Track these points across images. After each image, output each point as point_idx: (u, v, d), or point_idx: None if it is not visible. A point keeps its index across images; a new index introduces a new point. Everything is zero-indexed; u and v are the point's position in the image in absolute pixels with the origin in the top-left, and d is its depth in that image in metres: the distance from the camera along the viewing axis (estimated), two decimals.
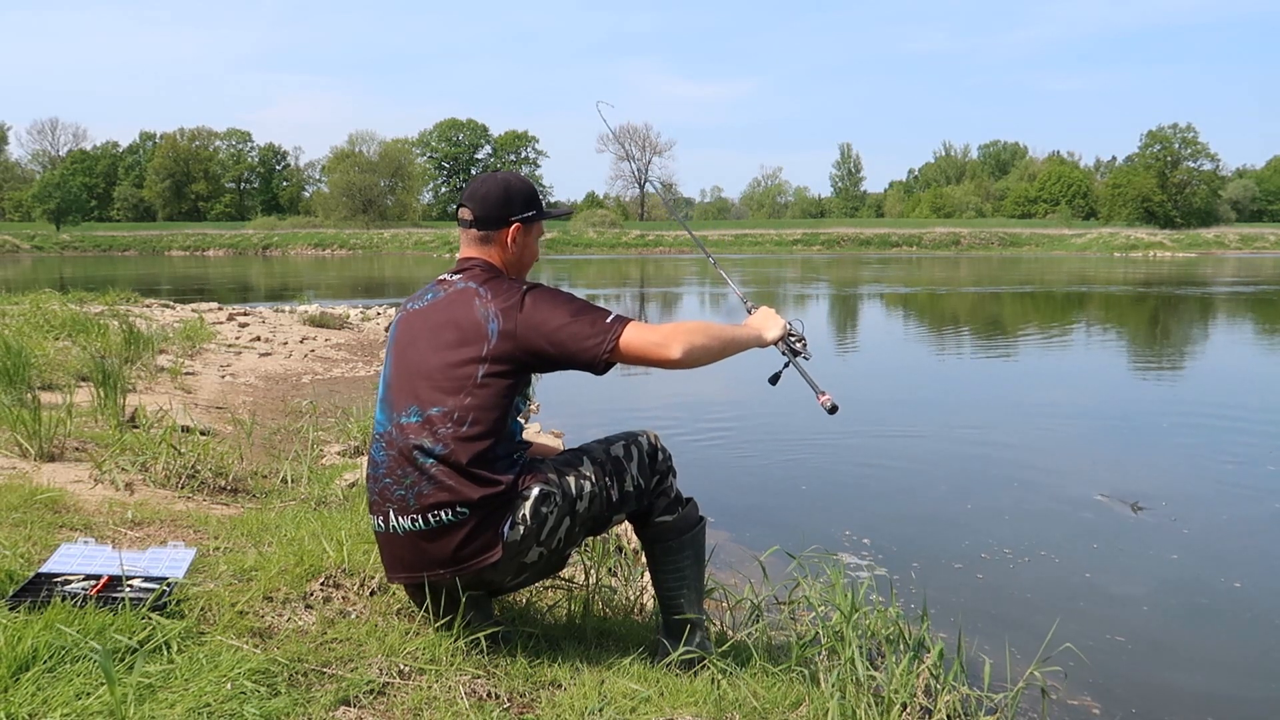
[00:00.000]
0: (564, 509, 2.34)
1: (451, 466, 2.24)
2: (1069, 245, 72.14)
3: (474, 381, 2.27)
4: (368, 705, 2.09)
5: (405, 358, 2.38)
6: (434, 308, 2.42)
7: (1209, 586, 4.23)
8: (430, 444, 2.25)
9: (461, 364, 2.29)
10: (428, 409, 2.28)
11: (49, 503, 3.27)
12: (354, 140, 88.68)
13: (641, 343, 2.25)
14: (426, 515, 2.26)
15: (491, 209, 2.48)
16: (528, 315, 2.28)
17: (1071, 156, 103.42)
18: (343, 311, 14.78)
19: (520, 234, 2.51)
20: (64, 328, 8.17)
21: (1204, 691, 3.35)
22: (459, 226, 2.55)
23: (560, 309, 2.29)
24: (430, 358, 2.32)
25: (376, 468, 2.37)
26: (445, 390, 2.28)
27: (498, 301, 2.32)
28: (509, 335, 2.28)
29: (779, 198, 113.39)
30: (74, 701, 1.83)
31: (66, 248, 71.29)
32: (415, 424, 2.29)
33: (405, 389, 2.34)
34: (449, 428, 2.25)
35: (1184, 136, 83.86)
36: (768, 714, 2.35)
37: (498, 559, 2.28)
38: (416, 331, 2.40)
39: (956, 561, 4.50)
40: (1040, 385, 10.43)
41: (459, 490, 2.24)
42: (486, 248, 2.51)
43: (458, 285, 2.43)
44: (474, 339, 2.29)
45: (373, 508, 2.39)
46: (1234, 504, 5.45)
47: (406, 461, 2.28)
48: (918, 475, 6.01)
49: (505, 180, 2.53)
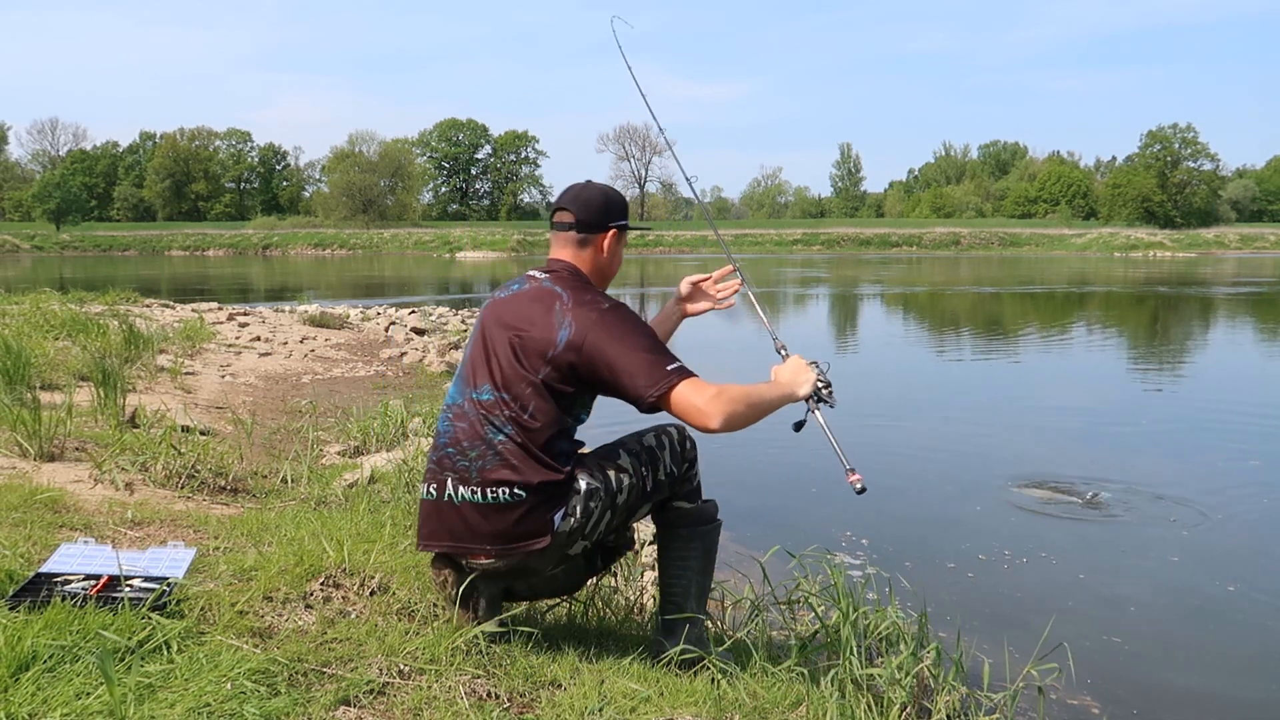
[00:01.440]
0: (606, 503, 2.43)
1: (519, 447, 2.34)
2: (1069, 245, 72.14)
3: (539, 378, 2.37)
4: (368, 705, 2.10)
5: (485, 341, 2.48)
6: (517, 299, 2.51)
7: (1207, 587, 4.23)
8: (501, 423, 2.36)
9: (529, 359, 2.39)
10: (500, 391, 2.39)
11: (49, 503, 3.28)
12: (354, 140, 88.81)
13: (686, 404, 2.29)
14: (486, 490, 2.35)
15: (593, 214, 2.56)
16: (597, 335, 2.35)
17: (1071, 156, 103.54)
18: (343, 311, 14.78)
19: (614, 240, 2.60)
20: (64, 328, 8.17)
21: (1202, 691, 3.35)
22: (553, 229, 2.61)
23: (629, 340, 2.35)
24: (505, 346, 2.42)
25: (440, 437, 2.47)
26: (514, 379, 2.38)
27: (575, 312, 2.39)
28: (574, 347, 2.36)
29: (779, 198, 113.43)
30: (74, 701, 1.83)
31: (66, 248, 71.30)
32: (489, 401, 2.39)
33: (483, 369, 2.44)
34: (516, 412, 2.36)
35: (1184, 136, 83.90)
36: (767, 714, 2.35)
37: (545, 546, 2.36)
38: (499, 318, 2.49)
39: (955, 562, 4.50)
40: (1040, 385, 10.43)
41: (522, 471, 2.33)
42: (581, 251, 2.57)
43: (544, 283, 2.50)
44: (544, 340, 2.38)
45: (427, 476, 2.47)
46: (1233, 504, 5.45)
47: (476, 435, 2.38)
48: (917, 476, 6.01)
49: (604, 189, 2.63)
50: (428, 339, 11.69)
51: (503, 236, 72.53)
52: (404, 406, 5.89)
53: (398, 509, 3.76)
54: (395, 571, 2.75)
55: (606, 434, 2.70)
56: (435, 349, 10.10)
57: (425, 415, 5.71)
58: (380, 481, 4.33)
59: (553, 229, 2.61)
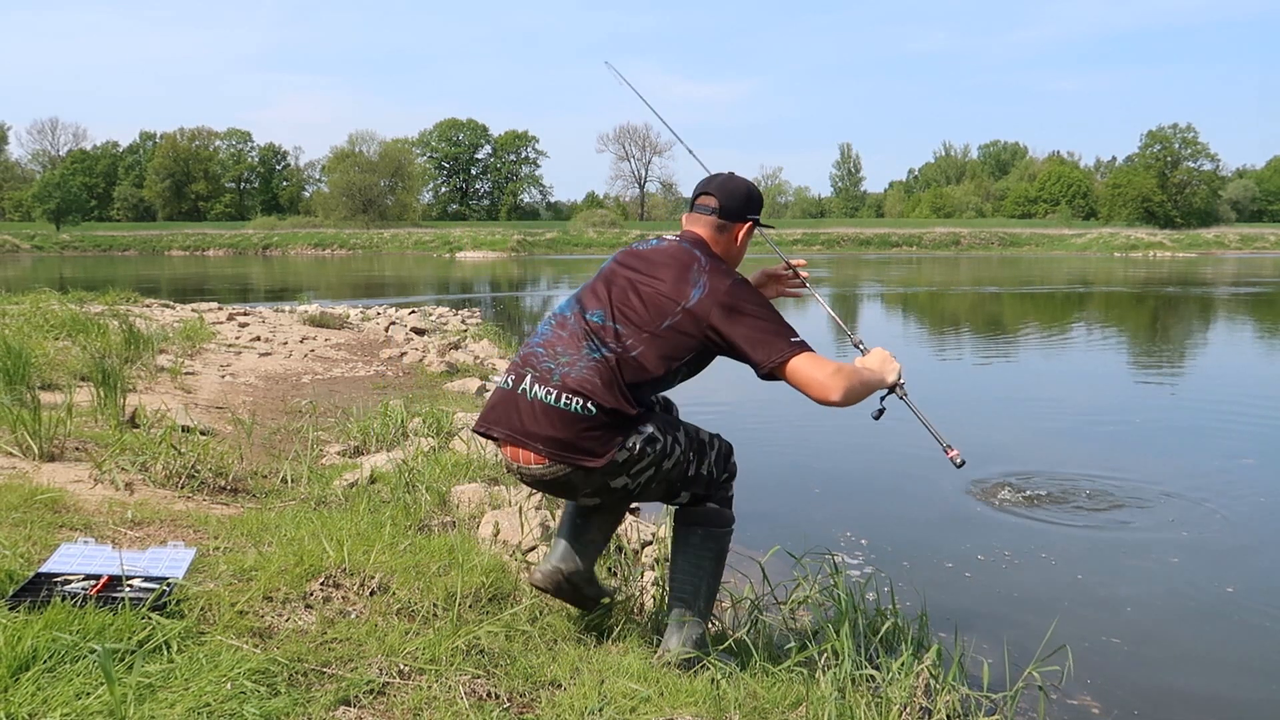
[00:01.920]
0: (656, 458, 2.52)
1: (610, 370, 2.43)
2: (1069, 245, 72.13)
3: (659, 326, 2.48)
4: (368, 705, 2.10)
5: (613, 279, 2.59)
6: (657, 251, 2.62)
7: (1207, 586, 4.23)
8: (599, 344, 2.47)
9: (657, 304, 2.49)
10: (614, 322, 2.49)
11: (49, 503, 3.28)
12: (354, 140, 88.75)
13: (807, 375, 2.43)
14: (563, 395, 2.43)
15: (737, 202, 2.69)
16: (729, 299, 2.47)
17: (1071, 156, 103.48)
18: (343, 311, 14.78)
19: (747, 232, 2.73)
20: (64, 328, 8.17)
21: (1203, 692, 3.35)
22: (694, 210, 2.71)
23: (757, 310, 2.49)
24: (634, 290, 2.52)
25: (534, 337, 2.59)
26: (634, 321, 2.49)
27: (711, 275, 2.51)
28: (704, 304, 2.47)
29: (779, 198, 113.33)
30: (74, 701, 1.83)
31: (66, 248, 71.26)
32: (598, 324, 2.50)
33: (602, 298, 2.55)
34: (621, 346, 2.46)
35: (1184, 136, 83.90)
36: (767, 714, 2.35)
37: (595, 467, 2.45)
38: (633, 264, 2.60)
39: (955, 562, 4.50)
40: (1039, 384, 10.43)
41: (601, 390, 2.42)
42: (718, 235, 2.68)
43: (684, 245, 2.61)
44: (678, 291, 2.49)
45: (509, 368, 2.59)
46: (1232, 504, 5.45)
47: (573, 344, 2.48)
48: (916, 476, 6.01)
49: (748, 183, 2.76)
50: (428, 339, 11.69)
51: (503, 236, 72.51)
52: (404, 406, 5.89)
53: (398, 509, 3.76)
54: (395, 571, 2.75)
55: None
56: (435, 349, 10.10)
57: (425, 415, 5.71)
58: (380, 481, 4.33)
59: (693, 209, 2.71)
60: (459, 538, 3.30)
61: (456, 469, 4.54)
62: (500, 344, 11.65)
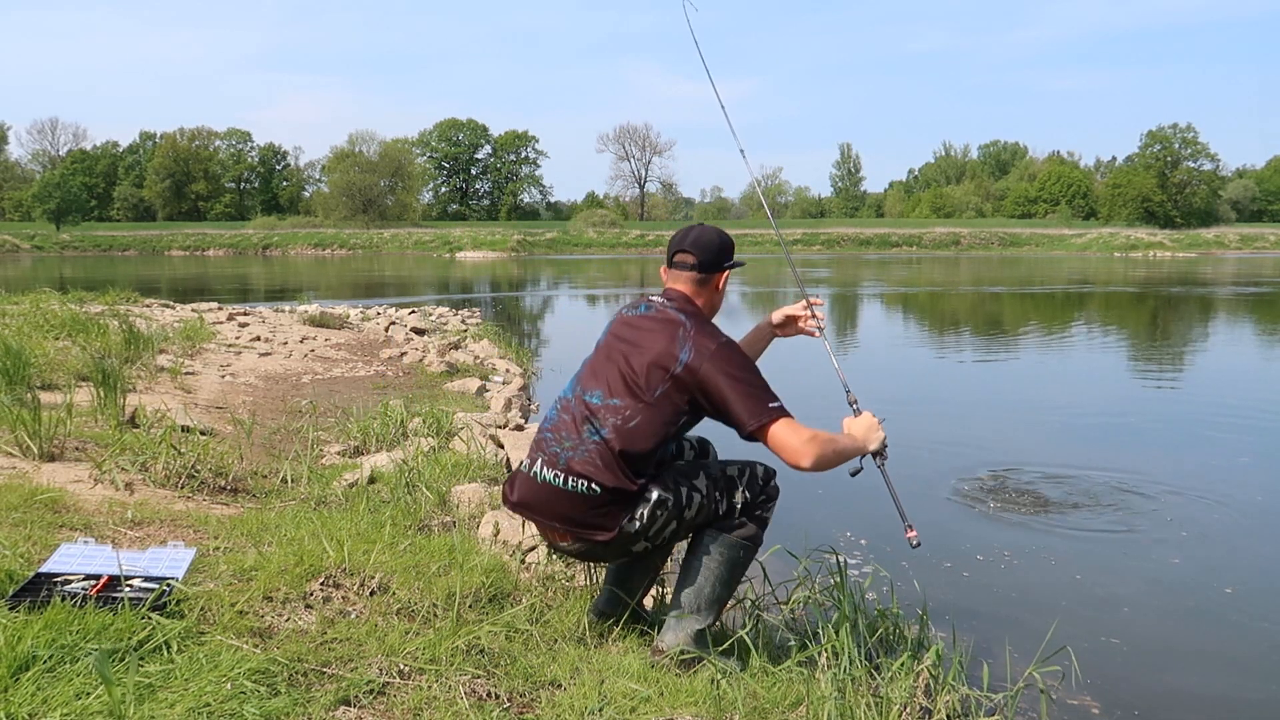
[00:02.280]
0: (673, 514, 2.67)
1: (609, 452, 2.60)
2: (1069, 245, 72.15)
3: (652, 394, 2.63)
4: (368, 705, 2.10)
5: (608, 350, 2.76)
6: (645, 319, 2.77)
7: (1207, 588, 4.23)
8: (599, 424, 2.63)
9: (648, 374, 2.64)
10: (610, 398, 2.66)
11: (49, 503, 3.28)
12: (354, 140, 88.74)
13: (783, 440, 2.56)
14: (568, 478, 2.63)
15: (713, 255, 2.83)
16: (714, 363, 2.61)
17: (1071, 156, 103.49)
18: (343, 311, 14.78)
19: (725, 279, 2.89)
20: (64, 328, 8.17)
21: (1203, 692, 3.35)
22: (672, 267, 2.86)
23: (740, 374, 2.62)
24: (626, 362, 2.69)
25: (545, 421, 2.80)
26: (628, 391, 2.65)
27: (697, 339, 2.65)
28: (691, 367, 2.61)
29: (779, 198, 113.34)
30: (74, 701, 1.83)
31: (66, 248, 71.27)
32: (597, 405, 2.66)
33: (600, 375, 2.72)
34: (619, 420, 2.62)
35: (1184, 136, 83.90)
36: (767, 714, 2.35)
37: (609, 540, 2.63)
38: (625, 335, 2.77)
39: (955, 562, 4.50)
40: (1039, 384, 10.43)
41: (602, 471, 2.60)
42: (699, 289, 2.84)
43: (670, 310, 2.76)
44: (666, 359, 2.64)
45: (529, 450, 2.80)
46: (1231, 504, 5.45)
47: (575, 428, 2.66)
48: (915, 475, 6.01)
49: (718, 232, 2.90)
50: (428, 339, 11.69)
51: (503, 236, 72.52)
52: (404, 406, 5.89)
53: (398, 509, 3.76)
54: (395, 571, 2.75)
55: None
56: (435, 349, 10.10)
57: (425, 415, 5.71)
58: (380, 481, 4.33)
59: (672, 265, 2.86)
60: (459, 538, 3.30)
61: (456, 469, 4.54)
62: (500, 344, 11.64)
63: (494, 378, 8.64)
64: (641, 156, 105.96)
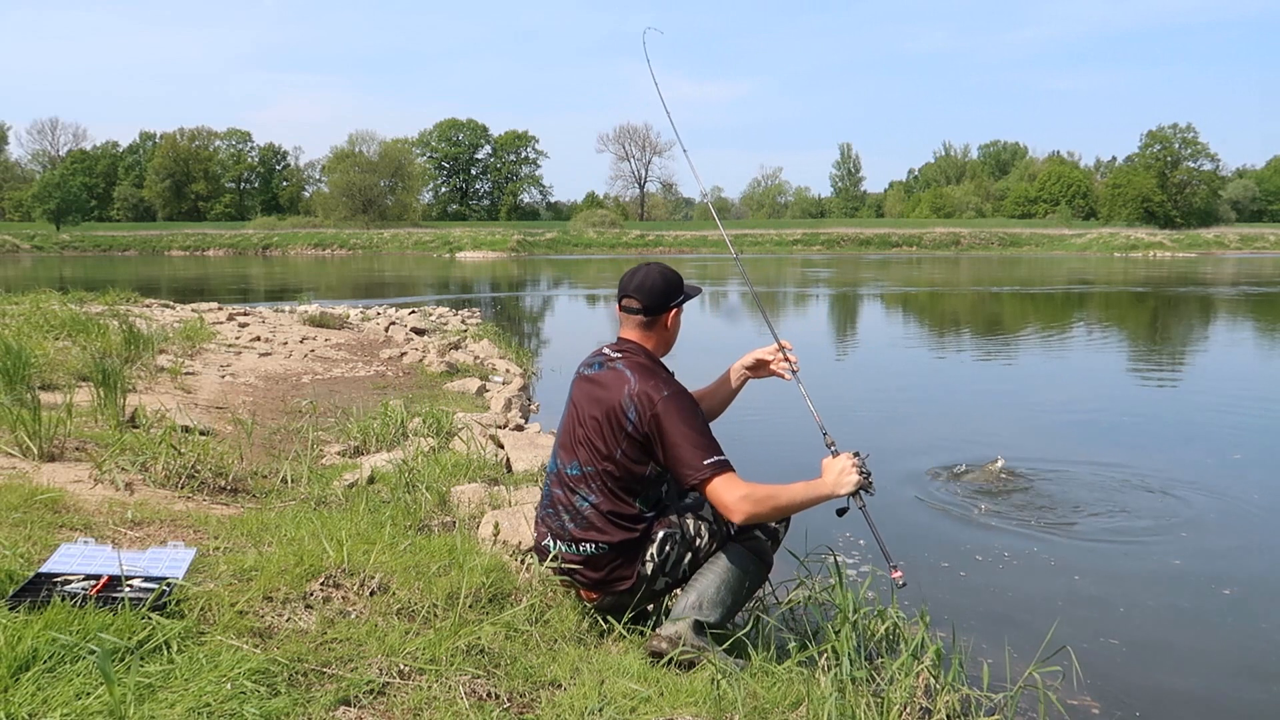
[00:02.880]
0: (684, 546, 2.84)
1: (602, 514, 2.82)
2: (1069, 245, 72.14)
3: (617, 453, 2.80)
4: (368, 705, 2.10)
5: (576, 418, 2.91)
6: (597, 381, 2.91)
7: (1207, 588, 4.23)
8: (586, 493, 2.84)
9: (606, 436, 2.81)
10: (585, 466, 2.85)
11: (49, 503, 3.28)
12: (354, 140, 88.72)
13: (717, 498, 2.69)
14: (577, 545, 2.85)
15: (657, 298, 2.94)
16: (656, 420, 2.74)
17: (1071, 156, 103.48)
18: (343, 311, 14.77)
19: (675, 315, 2.99)
20: (64, 328, 8.17)
21: (1202, 693, 3.35)
22: (621, 312, 2.99)
23: (681, 428, 2.73)
24: (590, 428, 2.85)
25: (544, 497, 3.01)
26: (597, 455, 2.82)
27: (641, 396, 2.77)
28: (638, 427, 2.77)
29: (779, 198, 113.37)
30: (74, 701, 1.83)
31: (66, 248, 71.26)
32: (576, 476, 2.87)
33: (571, 447, 2.90)
34: (599, 484, 2.83)
35: (1184, 136, 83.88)
36: (767, 714, 2.35)
37: (631, 586, 2.84)
38: (584, 396, 2.91)
39: (955, 563, 4.50)
40: (1038, 384, 10.43)
41: (604, 531, 2.82)
42: (647, 331, 2.96)
43: (618, 366, 2.88)
44: (619, 419, 2.79)
45: (537, 524, 3.04)
46: (1230, 504, 5.45)
47: (567, 500, 2.88)
48: (914, 475, 6.01)
49: (661, 272, 2.98)
50: (428, 339, 11.69)
51: (503, 236, 72.52)
52: (404, 406, 5.89)
53: (398, 509, 3.76)
54: (395, 571, 2.75)
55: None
56: (435, 349, 10.10)
57: (425, 415, 5.71)
58: (380, 481, 4.33)
59: (621, 310, 2.98)
60: (459, 538, 3.30)
61: (456, 469, 4.54)
62: (500, 344, 11.64)
63: (494, 378, 8.64)
64: (641, 156, 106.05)
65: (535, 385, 9.65)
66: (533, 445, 5.24)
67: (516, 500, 4.10)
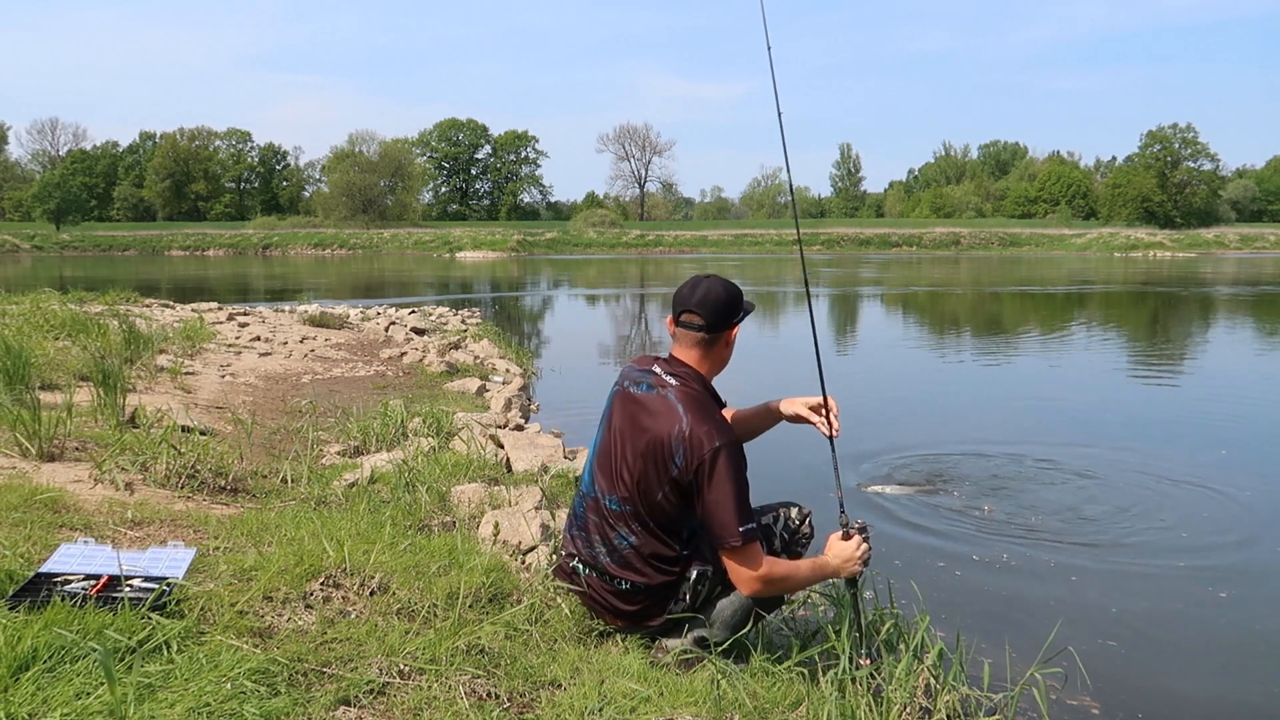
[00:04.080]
0: (715, 580, 2.72)
1: (638, 553, 2.69)
2: (1069, 245, 72.16)
3: (658, 495, 2.65)
4: (368, 705, 2.10)
5: (618, 444, 2.73)
6: (643, 405, 2.70)
7: (1207, 589, 4.23)
8: (626, 532, 2.70)
9: (649, 475, 2.64)
10: (624, 505, 2.69)
11: (49, 503, 3.28)
12: (354, 140, 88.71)
13: (734, 569, 2.61)
14: (612, 579, 2.73)
15: (720, 314, 2.72)
16: (701, 469, 2.57)
17: (1071, 156, 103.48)
18: (343, 311, 14.77)
19: (734, 334, 2.79)
20: (64, 328, 8.17)
21: (1202, 693, 3.35)
22: (680, 327, 2.74)
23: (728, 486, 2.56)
24: (632, 462, 2.67)
25: (577, 517, 2.84)
26: (637, 498, 2.67)
27: (693, 442, 2.58)
28: (684, 471, 2.60)
29: (779, 198, 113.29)
30: (74, 701, 1.83)
31: (66, 248, 71.27)
32: (615, 511, 2.71)
33: (611, 477, 2.73)
34: (638, 525, 2.68)
35: (1184, 136, 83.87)
36: (767, 714, 2.35)
37: (660, 623, 2.75)
38: (628, 422, 2.72)
39: (954, 564, 4.50)
40: (1040, 386, 10.42)
41: (642, 572, 2.69)
42: (706, 350, 2.74)
43: (669, 397, 2.67)
44: (664, 461, 2.62)
45: (564, 540, 2.89)
46: (1230, 505, 5.45)
47: (604, 534, 2.73)
48: (915, 477, 6.01)
49: (723, 284, 2.75)
50: (428, 339, 11.68)
51: (503, 236, 72.55)
52: (404, 406, 5.89)
53: (398, 509, 3.76)
54: (395, 571, 2.75)
55: None
56: (435, 349, 10.09)
57: (425, 415, 5.71)
58: (380, 481, 4.33)
59: (679, 324, 2.73)
60: (459, 538, 3.30)
61: (456, 469, 4.54)
62: (500, 344, 11.63)
63: (494, 378, 8.63)
64: (641, 156, 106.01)
65: (535, 385, 9.64)
66: (533, 445, 5.24)
67: (516, 500, 4.10)
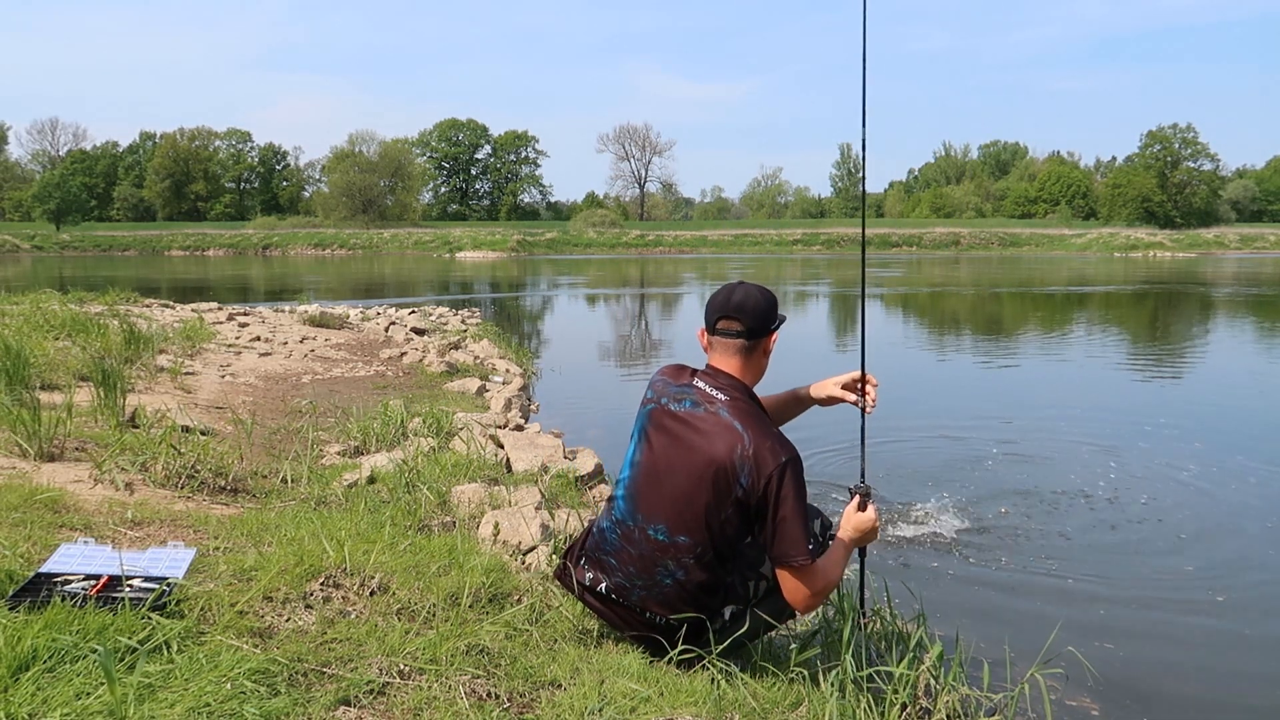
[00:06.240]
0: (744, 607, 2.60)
1: (682, 588, 2.52)
2: (1069, 245, 72.17)
3: (718, 521, 2.47)
4: (368, 705, 2.10)
5: (658, 464, 2.53)
6: (690, 424, 2.52)
7: (1207, 589, 4.23)
8: (673, 566, 2.51)
9: (709, 501, 2.46)
10: (675, 535, 2.50)
11: (49, 503, 3.27)
12: (354, 140, 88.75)
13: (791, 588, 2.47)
14: (646, 614, 2.56)
15: (761, 320, 2.58)
16: (769, 486, 2.41)
17: (1071, 156, 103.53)
18: (343, 311, 14.77)
19: (773, 343, 2.65)
20: (64, 328, 8.17)
21: (1202, 694, 3.35)
22: (716, 335, 2.60)
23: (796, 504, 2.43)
24: (684, 486, 2.48)
25: (605, 542, 2.61)
26: (692, 524, 2.48)
27: (758, 459, 2.42)
28: (750, 491, 2.43)
29: (779, 198, 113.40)
30: (74, 701, 1.83)
31: (66, 248, 71.29)
32: (662, 542, 2.51)
33: (656, 503, 2.52)
34: (691, 559, 2.50)
35: (1184, 136, 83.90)
36: (767, 714, 2.35)
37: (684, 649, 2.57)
38: (670, 442, 2.53)
39: (953, 564, 4.50)
40: (1040, 387, 10.43)
41: (680, 607, 2.52)
42: (748, 358, 2.59)
43: (721, 413, 2.50)
44: (725, 487, 2.44)
45: (588, 561, 2.64)
46: (1230, 506, 5.45)
47: (646, 570, 2.53)
48: (915, 478, 6.01)
49: (760, 289, 2.63)
50: (428, 339, 11.68)
51: (503, 236, 72.57)
52: (404, 406, 5.89)
53: (398, 509, 3.76)
54: (395, 571, 2.75)
55: None
56: (435, 349, 10.09)
57: (425, 415, 5.71)
58: (380, 481, 4.33)
59: (716, 332, 2.59)
60: (459, 538, 3.30)
61: (456, 469, 4.54)
62: (500, 344, 11.63)
63: (494, 378, 8.64)
64: (641, 156, 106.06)
65: (535, 385, 9.65)
66: (533, 445, 5.24)
67: (516, 500, 4.10)
